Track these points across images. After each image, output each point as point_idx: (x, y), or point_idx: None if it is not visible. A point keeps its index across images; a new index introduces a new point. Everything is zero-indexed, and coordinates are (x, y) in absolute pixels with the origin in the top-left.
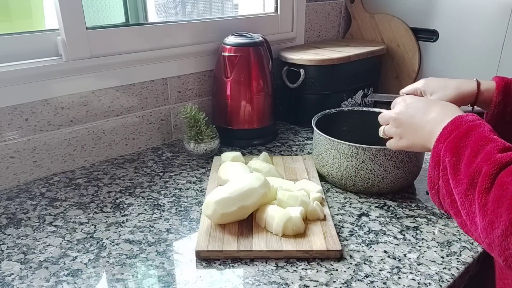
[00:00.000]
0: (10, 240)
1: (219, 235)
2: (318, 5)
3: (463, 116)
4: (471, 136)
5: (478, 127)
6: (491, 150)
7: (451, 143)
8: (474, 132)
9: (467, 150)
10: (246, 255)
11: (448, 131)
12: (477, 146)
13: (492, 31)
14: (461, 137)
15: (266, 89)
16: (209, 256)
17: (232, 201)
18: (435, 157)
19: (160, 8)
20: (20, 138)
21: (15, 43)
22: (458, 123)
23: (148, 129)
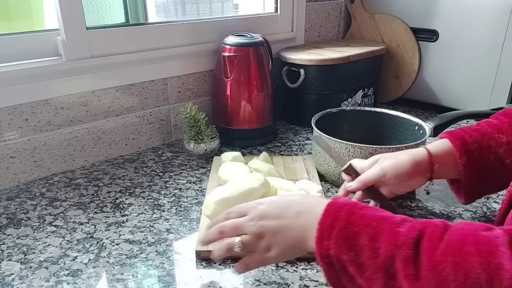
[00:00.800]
0: (10, 240)
1: None
2: (318, 5)
3: (333, 203)
4: (357, 221)
5: (356, 207)
6: (392, 230)
7: (339, 237)
8: (356, 215)
9: (362, 239)
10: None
11: (328, 224)
12: (372, 229)
13: (492, 31)
14: (345, 226)
15: (266, 89)
16: (209, 256)
17: (232, 201)
18: (325, 259)
19: (160, 8)
20: (20, 138)
21: (15, 43)
22: (334, 212)
23: (148, 129)
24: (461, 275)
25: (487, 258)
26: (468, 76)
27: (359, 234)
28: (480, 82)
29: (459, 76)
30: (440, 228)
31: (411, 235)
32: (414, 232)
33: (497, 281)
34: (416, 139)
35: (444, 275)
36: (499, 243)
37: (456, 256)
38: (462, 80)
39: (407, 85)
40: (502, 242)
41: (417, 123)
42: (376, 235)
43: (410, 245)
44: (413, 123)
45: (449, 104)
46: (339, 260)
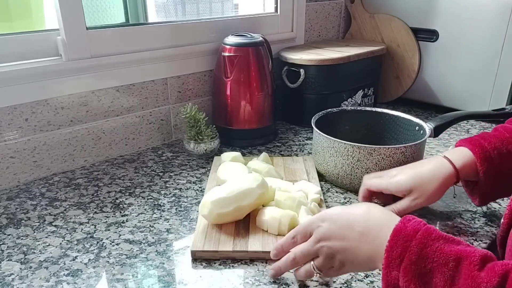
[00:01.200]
0: (10, 240)
1: (216, 235)
2: (318, 5)
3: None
4: (430, 256)
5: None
6: (470, 272)
7: (410, 271)
8: (430, 248)
9: (437, 277)
10: (242, 255)
11: (397, 255)
12: (448, 269)
13: (492, 31)
14: (417, 260)
15: (266, 89)
16: (204, 256)
17: (229, 201)
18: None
19: (160, 8)
20: (20, 138)
21: (15, 43)
22: (403, 242)
23: (148, 129)
24: None
25: None
26: (468, 76)
27: (433, 272)
28: (480, 82)
29: (459, 76)
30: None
31: (492, 283)
32: (495, 279)
33: None
34: (416, 139)
35: None
36: None
37: None
38: (462, 80)
39: (407, 85)
40: None
41: (418, 123)
42: (454, 277)
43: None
44: (414, 123)
45: (449, 104)
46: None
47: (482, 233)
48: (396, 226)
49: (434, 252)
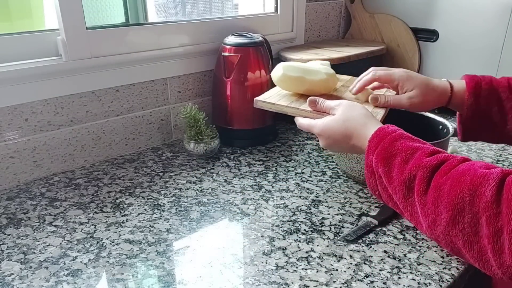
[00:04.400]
0: (10, 240)
1: (280, 96)
2: (318, 5)
3: (383, 128)
4: (397, 146)
5: (400, 137)
6: (419, 156)
7: (380, 154)
8: (398, 142)
9: (397, 159)
10: (293, 111)
11: (375, 143)
12: (406, 155)
13: (492, 31)
14: (387, 148)
15: (266, 89)
16: (263, 106)
17: (297, 69)
18: (369, 168)
19: (160, 8)
20: (20, 138)
21: (15, 43)
22: (382, 135)
23: (148, 129)
24: (452, 195)
25: (475, 187)
26: None
27: (395, 156)
28: None
29: (459, 76)
30: (458, 160)
31: (432, 162)
32: (435, 161)
33: (476, 203)
34: (439, 138)
35: (441, 193)
36: (491, 178)
37: (454, 181)
38: None
39: None
40: (494, 177)
41: (442, 122)
42: (408, 159)
43: (429, 168)
44: (438, 122)
45: None
46: (377, 171)
47: None
48: (381, 127)
49: (401, 144)
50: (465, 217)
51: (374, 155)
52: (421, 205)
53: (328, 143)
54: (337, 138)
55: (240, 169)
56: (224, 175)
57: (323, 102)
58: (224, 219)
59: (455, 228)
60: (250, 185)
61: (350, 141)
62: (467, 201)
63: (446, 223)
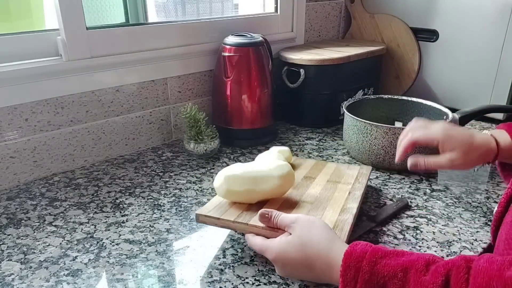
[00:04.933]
0: (10, 240)
1: (225, 207)
2: (318, 5)
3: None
4: (381, 271)
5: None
6: (418, 277)
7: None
8: (379, 265)
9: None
10: (242, 228)
11: (351, 276)
12: (398, 280)
13: (492, 31)
14: (370, 278)
15: (266, 89)
16: (206, 222)
17: (242, 181)
18: None
19: (160, 8)
20: (20, 138)
21: (15, 43)
22: (354, 263)
23: (148, 129)
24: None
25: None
26: (468, 76)
27: (386, 286)
28: (480, 82)
29: (459, 76)
30: (464, 269)
31: (438, 283)
32: (440, 279)
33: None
34: None
35: None
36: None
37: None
38: (462, 80)
39: (407, 85)
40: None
41: (446, 113)
42: (404, 286)
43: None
44: (443, 113)
45: (449, 104)
46: None
47: (482, 233)
48: (347, 251)
49: (383, 267)
50: None
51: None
52: None
53: (286, 271)
54: (296, 266)
55: None
56: None
57: (276, 217)
58: None
59: None
60: None
61: (314, 271)
62: None
63: None
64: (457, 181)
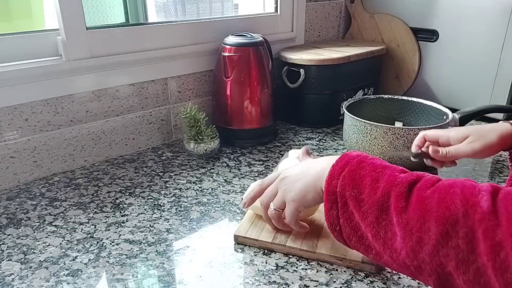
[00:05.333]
0: (10, 240)
1: (260, 225)
2: (318, 5)
3: (347, 153)
4: (365, 167)
5: (367, 158)
6: (392, 173)
7: (347, 177)
8: (365, 163)
9: (366, 179)
10: (280, 249)
11: (339, 167)
12: (376, 173)
13: (492, 31)
14: (355, 169)
15: (266, 89)
16: (245, 242)
17: None
18: (330, 196)
19: (160, 8)
20: (20, 138)
21: (15, 43)
22: (347, 159)
23: (148, 129)
24: (443, 208)
25: (467, 197)
26: (468, 76)
27: (365, 176)
28: (480, 82)
29: (459, 76)
30: (436, 178)
31: (408, 178)
32: (411, 177)
33: (471, 215)
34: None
35: (428, 207)
36: (482, 189)
37: (442, 194)
38: (462, 80)
39: (407, 85)
40: (484, 189)
41: (446, 113)
42: (379, 177)
43: (405, 184)
44: (443, 112)
45: (449, 104)
46: (343, 196)
47: None
48: (345, 153)
49: (368, 164)
50: (459, 231)
51: (339, 179)
52: (402, 224)
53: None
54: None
55: (240, 169)
56: (224, 175)
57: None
58: (224, 219)
59: (447, 246)
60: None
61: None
62: (461, 213)
63: (436, 240)
64: None
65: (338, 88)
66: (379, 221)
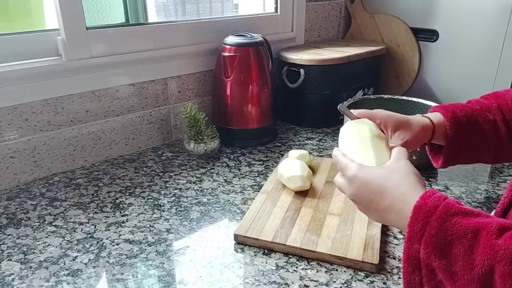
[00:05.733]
0: (10, 240)
1: (260, 224)
2: (318, 5)
3: (421, 205)
4: (449, 229)
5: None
6: (488, 241)
7: (431, 244)
8: (449, 222)
9: (456, 248)
10: (280, 248)
11: (418, 229)
12: (467, 240)
13: (492, 31)
14: (437, 233)
15: (266, 89)
16: (245, 242)
17: None
18: (413, 260)
19: (160, 8)
20: (20, 138)
21: (15, 43)
22: (424, 217)
23: (148, 129)
24: None
25: None
26: (468, 76)
27: (453, 244)
28: (480, 82)
29: (459, 76)
30: None
31: (509, 249)
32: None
33: None
34: None
35: None
36: None
37: None
38: (462, 80)
39: (407, 85)
40: None
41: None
42: (472, 247)
43: (509, 260)
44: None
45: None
46: (429, 265)
47: None
48: (417, 203)
49: (453, 225)
50: None
51: (421, 244)
52: None
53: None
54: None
55: (240, 169)
56: (224, 175)
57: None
58: (224, 219)
59: None
60: (250, 185)
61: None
62: None
63: None
64: (457, 181)
65: (338, 88)
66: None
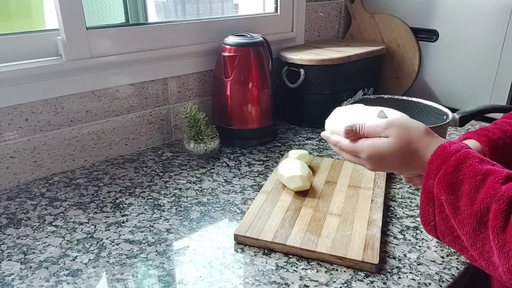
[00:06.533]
0: (10, 240)
1: (260, 225)
2: (318, 5)
3: (445, 146)
4: (463, 170)
5: (467, 158)
6: (493, 184)
7: (443, 180)
8: (465, 164)
9: (464, 186)
10: (280, 248)
11: (436, 165)
12: (476, 181)
13: (492, 31)
14: (452, 172)
15: (266, 89)
16: (245, 242)
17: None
18: (428, 194)
19: (160, 8)
20: (20, 138)
21: (15, 43)
22: (443, 156)
23: (148, 129)
24: None
25: None
26: (468, 76)
27: (463, 182)
28: (480, 82)
29: (459, 76)
30: None
31: (510, 193)
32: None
33: None
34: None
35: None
36: None
37: None
38: (462, 80)
39: (407, 85)
40: None
41: (446, 113)
42: (478, 187)
43: (506, 201)
44: (443, 112)
45: (449, 104)
46: (439, 199)
47: None
48: (442, 144)
49: (468, 167)
50: None
51: (435, 179)
52: (498, 244)
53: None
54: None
55: (240, 169)
56: (224, 175)
57: (362, 128)
58: (224, 219)
59: None
60: (250, 185)
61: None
62: None
63: None
64: None
65: (338, 88)
66: (476, 234)
